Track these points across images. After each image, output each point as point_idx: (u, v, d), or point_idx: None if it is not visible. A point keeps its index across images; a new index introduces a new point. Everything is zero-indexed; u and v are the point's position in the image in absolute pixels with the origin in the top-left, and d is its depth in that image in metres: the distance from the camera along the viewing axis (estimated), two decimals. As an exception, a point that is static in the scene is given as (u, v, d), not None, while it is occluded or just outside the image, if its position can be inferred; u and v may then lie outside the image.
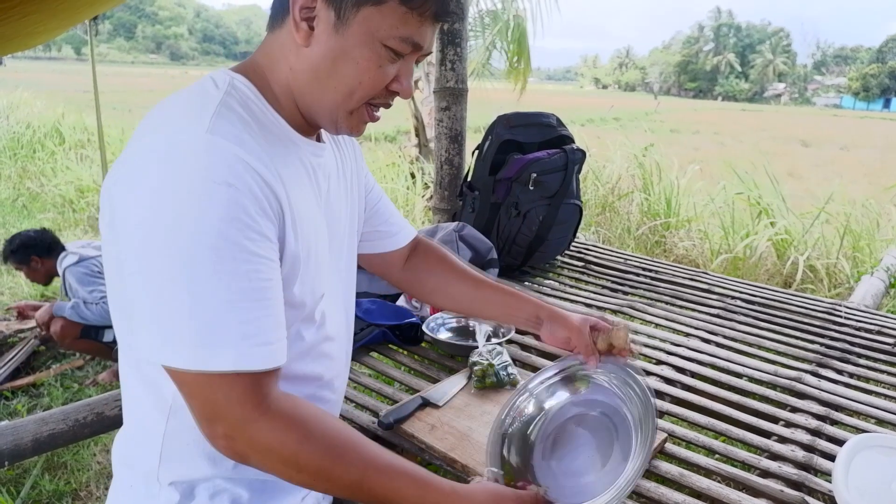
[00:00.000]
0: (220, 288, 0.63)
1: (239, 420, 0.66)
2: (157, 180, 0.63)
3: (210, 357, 0.63)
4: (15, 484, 2.11)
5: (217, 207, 0.63)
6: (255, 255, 0.66)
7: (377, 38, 0.71)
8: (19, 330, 3.22)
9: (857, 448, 1.09)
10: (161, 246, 0.63)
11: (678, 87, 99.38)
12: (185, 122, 0.67)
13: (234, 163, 0.65)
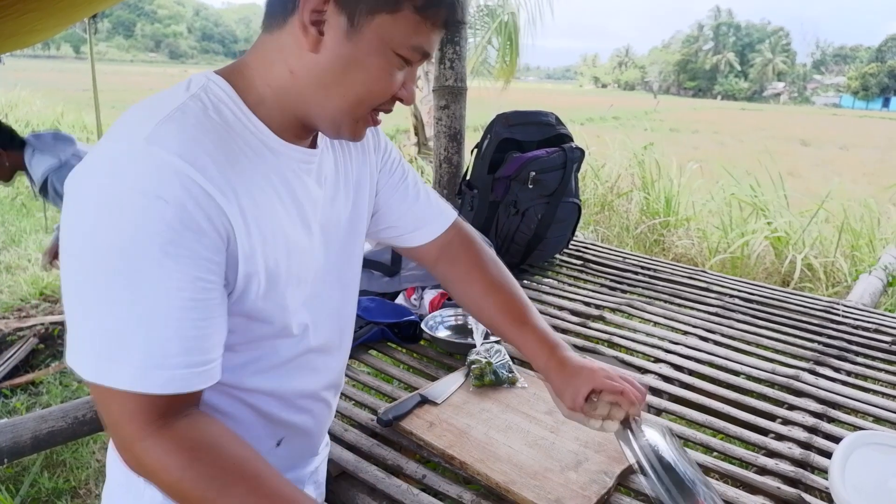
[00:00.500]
0: (129, 303, 0.61)
1: (128, 437, 0.64)
2: (84, 188, 0.62)
3: (108, 371, 0.62)
4: (14, 482, 2.11)
5: (139, 221, 0.60)
6: (180, 272, 0.62)
7: (390, 46, 0.69)
8: (18, 328, 3.23)
9: (854, 445, 1.09)
10: (78, 255, 0.61)
11: (678, 86, 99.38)
12: (129, 130, 0.64)
13: (168, 175, 0.61)
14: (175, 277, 0.62)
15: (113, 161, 0.62)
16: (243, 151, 0.69)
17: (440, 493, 1.07)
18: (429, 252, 1.02)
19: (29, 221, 5.37)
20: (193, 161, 0.63)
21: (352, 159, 0.89)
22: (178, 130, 0.64)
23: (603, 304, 2.02)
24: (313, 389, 0.86)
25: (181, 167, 0.62)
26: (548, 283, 2.21)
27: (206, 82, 0.70)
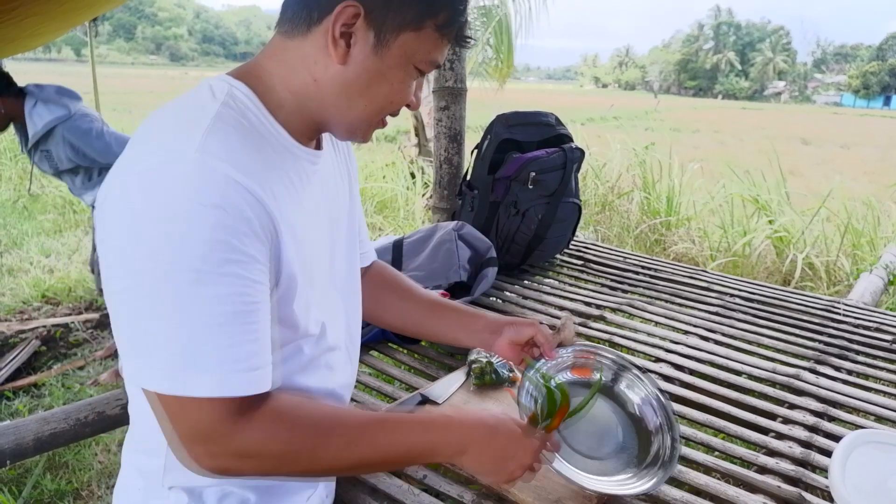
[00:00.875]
0: (201, 312, 0.62)
1: (224, 436, 0.66)
2: (141, 202, 0.62)
3: (188, 382, 0.63)
4: (17, 483, 2.11)
5: (202, 230, 0.61)
6: (241, 277, 0.64)
7: (412, 61, 0.74)
8: (20, 331, 3.24)
9: (854, 444, 1.10)
10: (142, 268, 0.62)
11: (678, 85, 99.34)
12: (175, 141, 0.65)
13: (224, 183, 0.63)
14: (240, 283, 0.64)
15: (168, 175, 0.62)
16: (273, 156, 0.72)
17: (441, 493, 1.07)
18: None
19: (31, 224, 5.38)
20: (243, 169, 0.65)
21: (343, 166, 0.94)
22: (224, 140, 0.66)
23: (604, 304, 2.02)
24: (331, 388, 0.88)
25: (235, 175, 0.64)
26: (548, 284, 2.21)
27: (229, 88, 0.71)
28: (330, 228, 0.86)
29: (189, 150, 0.63)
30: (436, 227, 2.09)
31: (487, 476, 0.85)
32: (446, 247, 1.97)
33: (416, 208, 5.64)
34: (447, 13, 0.73)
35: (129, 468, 0.84)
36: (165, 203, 0.61)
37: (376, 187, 6.01)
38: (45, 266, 4.30)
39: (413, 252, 2.01)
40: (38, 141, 2.49)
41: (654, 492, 1.07)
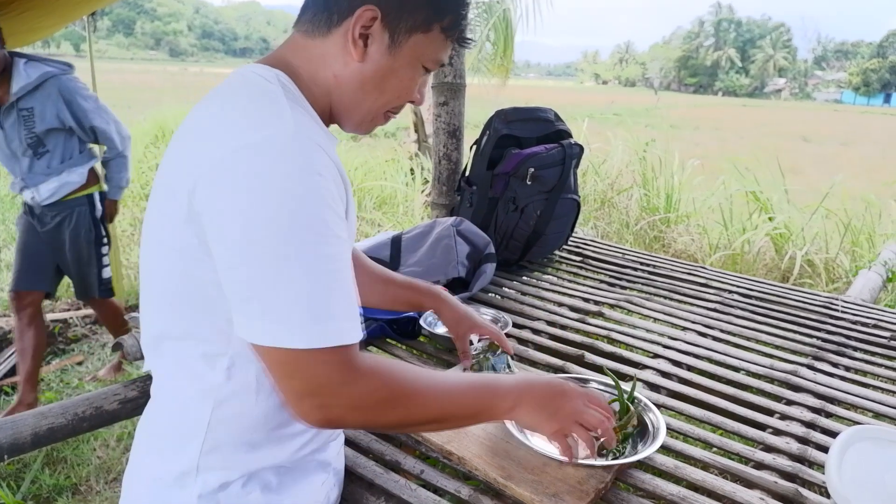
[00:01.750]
0: (321, 270, 0.68)
1: (339, 384, 0.70)
2: (257, 175, 0.67)
3: (319, 334, 0.68)
4: (15, 478, 2.12)
5: (315, 196, 0.68)
6: (340, 237, 0.71)
7: (420, 60, 0.82)
8: (19, 326, 3.23)
9: (851, 440, 1.10)
10: (268, 235, 0.66)
11: (678, 82, 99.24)
12: (266, 118, 0.71)
13: (319, 154, 0.70)
14: (341, 242, 0.71)
15: (277, 148, 0.68)
16: (325, 135, 0.79)
17: (439, 489, 1.07)
18: None
19: (29, 219, 5.36)
20: (322, 141, 0.73)
21: None
22: (301, 115, 0.74)
23: (602, 300, 2.02)
24: None
25: (322, 146, 0.72)
26: (547, 280, 2.21)
27: (277, 75, 0.78)
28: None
29: (288, 124, 0.70)
30: (434, 222, 2.09)
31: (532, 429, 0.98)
32: (445, 242, 1.97)
33: (415, 204, 5.64)
34: (452, 16, 0.82)
35: (151, 457, 0.84)
36: (281, 174, 0.67)
37: (376, 183, 6.00)
38: (43, 261, 4.29)
39: (412, 248, 2.01)
40: (21, 98, 2.44)
41: (649, 485, 1.07)
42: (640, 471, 1.11)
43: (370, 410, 0.74)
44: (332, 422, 0.74)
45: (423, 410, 0.79)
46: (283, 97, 0.74)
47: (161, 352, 0.81)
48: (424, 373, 0.81)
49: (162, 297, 0.78)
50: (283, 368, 0.70)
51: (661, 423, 1.13)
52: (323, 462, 0.93)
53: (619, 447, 1.10)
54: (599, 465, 1.04)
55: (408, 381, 0.77)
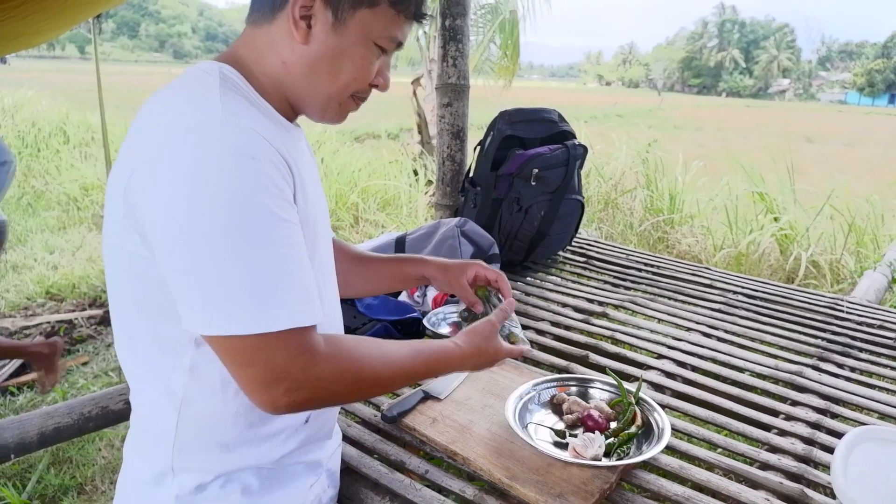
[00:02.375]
0: (265, 254, 0.67)
1: (302, 369, 0.70)
2: (186, 162, 0.66)
3: (268, 319, 0.67)
4: (21, 478, 2.13)
5: (248, 180, 0.66)
6: (286, 220, 0.70)
7: (370, 37, 0.78)
8: (24, 327, 3.25)
9: (857, 441, 1.09)
10: (203, 223, 0.65)
11: (682, 83, 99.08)
12: (195, 106, 0.70)
13: (252, 137, 0.68)
14: (287, 225, 0.70)
15: (203, 135, 0.67)
16: (273, 124, 0.77)
17: (443, 489, 1.07)
18: None
19: (35, 221, 5.40)
20: (260, 126, 0.71)
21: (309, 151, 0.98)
22: (236, 101, 0.72)
23: (606, 300, 2.02)
24: None
25: (257, 129, 0.70)
26: (551, 281, 2.21)
27: (219, 67, 0.76)
28: (318, 204, 0.89)
29: (214, 111, 0.68)
30: (438, 223, 2.09)
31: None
32: (449, 243, 1.97)
33: (418, 205, 5.64)
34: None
35: (134, 460, 0.85)
36: (210, 160, 0.66)
37: (379, 184, 6.01)
38: (49, 263, 4.32)
39: (416, 248, 2.01)
40: None
41: (654, 486, 1.07)
42: (645, 471, 1.11)
43: (337, 391, 0.75)
44: (300, 405, 0.73)
45: (382, 386, 0.83)
46: (216, 86, 0.72)
47: (129, 353, 0.80)
48: (379, 348, 0.81)
49: (121, 299, 0.77)
50: (238, 357, 0.69)
51: (665, 423, 1.13)
52: (311, 463, 0.91)
53: (624, 448, 1.10)
54: (604, 466, 1.04)
55: (366, 358, 0.78)
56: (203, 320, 0.67)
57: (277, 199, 0.69)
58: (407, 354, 0.84)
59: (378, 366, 0.79)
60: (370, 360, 0.78)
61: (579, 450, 1.06)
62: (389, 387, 0.86)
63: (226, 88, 0.73)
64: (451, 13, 2.63)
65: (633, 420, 1.15)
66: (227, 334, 0.67)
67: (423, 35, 7.04)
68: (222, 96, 0.70)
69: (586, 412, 1.16)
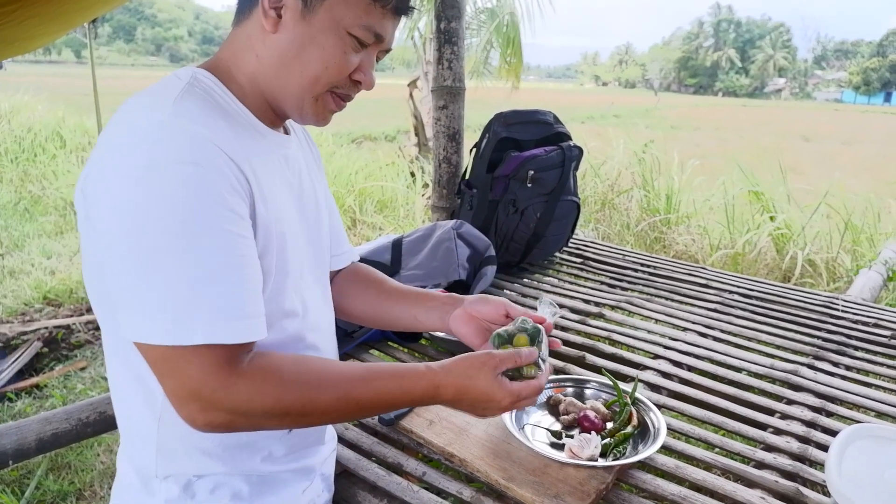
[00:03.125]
0: (193, 264, 0.65)
1: (215, 389, 0.66)
2: (124, 166, 0.65)
3: (183, 332, 0.64)
4: (20, 484, 2.12)
5: (185, 187, 0.64)
6: (226, 231, 0.67)
7: (342, 25, 0.75)
8: (22, 332, 3.25)
9: (851, 438, 1.10)
10: (134, 227, 0.64)
11: (678, 83, 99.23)
12: (148, 110, 0.69)
13: (198, 142, 0.66)
14: (225, 235, 0.67)
15: (147, 137, 0.66)
16: (243, 130, 0.76)
17: (441, 491, 1.08)
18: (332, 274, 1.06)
19: (32, 226, 5.39)
20: (215, 131, 0.69)
21: (311, 160, 0.96)
22: (195, 106, 0.70)
23: (603, 301, 2.02)
24: None
25: (208, 135, 0.68)
26: (548, 282, 2.22)
27: (193, 73, 0.76)
28: (300, 215, 0.87)
29: (162, 115, 0.67)
30: (435, 225, 2.10)
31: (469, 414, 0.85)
32: (445, 245, 1.98)
33: (415, 207, 5.64)
34: None
35: (123, 464, 0.85)
36: (147, 165, 0.64)
37: (376, 187, 6.01)
38: (46, 268, 4.31)
39: (412, 251, 2.01)
40: None
41: (651, 486, 1.07)
42: (642, 471, 1.11)
43: (258, 415, 0.69)
44: (219, 427, 0.69)
45: (323, 413, 0.74)
46: (176, 91, 0.71)
47: (112, 357, 0.80)
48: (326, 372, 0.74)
49: (98, 304, 0.77)
50: (156, 368, 0.67)
51: (661, 423, 1.14)
52: (304, 469, 0.91)
53: (620, 448, 1.11)
54: (601, 466, 1.05)
55: (302, 384, 0.71)
56: (127, 325, 0.66)
57: (218, 207, 0.66)
58: (357, 380, 0.75)
59: (312, 392, 0.71)
60: (301, 385, 0.71)
61: (576, 450, 1.06)
62: (329, 415, 0.75)
63: (188, 94, 0.71)
64: (445, 16, 2.64)
65: (630, 420, 1.16)
66: (145, 342, 0.66)
67: (419, 37, 7.05)
68: (178, 101, 0.69)
69: (582, 413, 1.17)
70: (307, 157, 0.95)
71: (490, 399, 0.80)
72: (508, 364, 0.82)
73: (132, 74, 43.12)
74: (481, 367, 0.80)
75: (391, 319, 1.04)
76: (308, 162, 0.94)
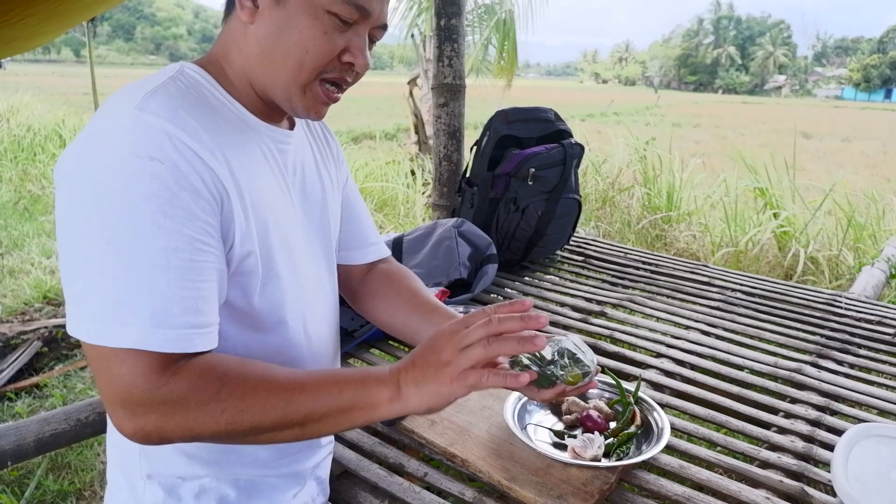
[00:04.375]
0: (130, 264, 0.62)
1: (144, 393, 0.62)
2: (84, 156, 0.64)
3: (113, 333, 0.61)
4: (19, 484, 2.12)
5: (137, 182, 0.62)
6: (178, 232, 0.64)
7: (318, 4, 0.70)
8: (22, 332, 3.24)
9: (856, 438, 1.09)
10: (77, 223, 0.63)
11: (678, 80, 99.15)
12: (119, 102, 0.67)
13: (160, 138, 0.64)
14: (174, 238, 0.63)
15: (105, 131, 0.64)
16: (227, 125, 0.73)
17: (443, 491, 1.07)
18: (362, 269, 1.03)
19: (31, 225, 5.38)
20: (183, 126, 0.66)
21: (326, 156, 0.93)
22: (166, 100, 0.67)
23: (604, 299, 2.01)
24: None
25: (172, 130, 0.65)
26: (549, 280, 2.21)
27: (181, 67, 0.74)
28: (304, 213, 0.84)
29: (128, 108, 0.65)
30: (436, 224, 2.09)
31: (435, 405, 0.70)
32: (446, 244, 1.97)
33: (416, 206, 5.63)
34: None
35: (113, 468, 0.84)
36: (101, 156, 0.63)
37: (377, 185, 6.00)
38: (46, 267, 4.30)
39: (413, 249, 2.00)
40: None
41: (654, 486, 1.07)
42: (645, 471, 1.11)
43: (189, 415, 0.64)
44: (151, 434, 0.64)
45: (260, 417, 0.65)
46: (152, 85, 0.68)
47: None
48: (268, 375, 0.68)
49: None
50: (92, 366, 0.64)
51: (665, 422, 1.13)
52: (296, 473, 0.89)
53: (624, 448, 1.10)
54: (604, 466, 1.04)
55: (240, 384, 0.65)
56: (68, 319, 0.64)
57: (170, 207, 0.63)
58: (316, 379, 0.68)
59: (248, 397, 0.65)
60: (239, 388, 0.65)
61: (578, 450, 1.05)
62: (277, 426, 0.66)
63: (163, 88, 0.69)
64: (445, 13, 2.63)
65: (633, 420, 1.15)
66: (75, 337, 0.63)
67: (419, 34, 7.04)
68: (149, 95, 0.67)
69: (585, 412, 1.16)
70: (322, 150, 0.92)
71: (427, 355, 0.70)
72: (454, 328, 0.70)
73: (131, 73, 43.11)
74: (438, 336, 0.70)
75: (413, 337, 0.97)
76: (322, 156, 0.91)
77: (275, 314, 0.78)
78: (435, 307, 0.95)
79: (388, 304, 0.99)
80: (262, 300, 0.76)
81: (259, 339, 0.78)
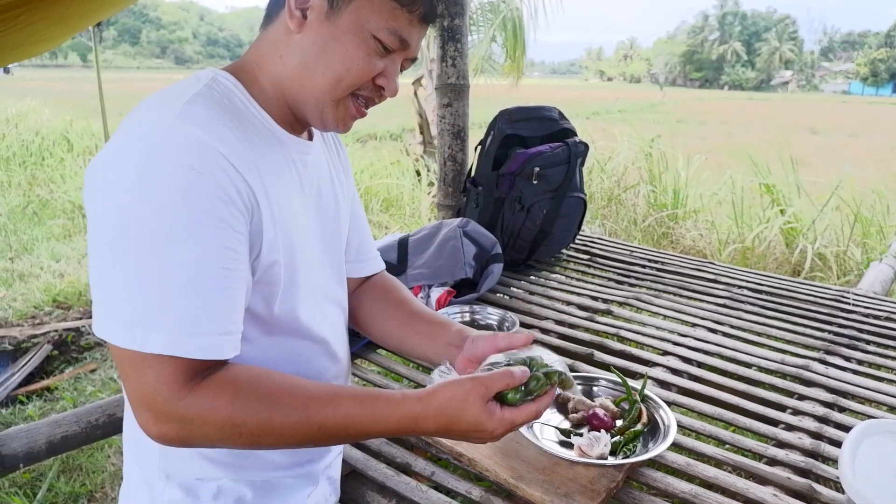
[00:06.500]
0: (167, 270, 0.63)
1: (167, 399, 0.64)
2: (122, 164, 0.65)
3: (142, 337, 0.63)
4: (31, 487, 2.14)
5: (174, 191, 0.63)
6: (211, 241, 0.65)
7: (367, 28, 0.74)
8: (32, 335, 3.26)
9: (864, 434, 1.09)
10: (114, 228, 0.64)
11: (684, 77, 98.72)
12: (156, 111, 0.68)
13: (198, 147, 0.65)
14: (210, 246, 0.65)
15: (148, 138, 0.65)
16: (257, 136, 0.75)
17: (450, 490, 1.08)
18: (356, 282, 1.04)
19: (41, 230, 5.42)
20: (221, 138, 0.68)
21: (338, 167, 0.95)
22: (204, 111, 0.69)
23: (610, 298, 2.01)
24: (328, 379, 0.88)
25: (211, 142, 0.67)
26: (555, 279, 2.21)
27: (214, 75, 0.76)
28: (322, 222, 0.86)
29: (168, 117, 0.66)
30: (441, 224, 2.09)
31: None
32: (451, 244, 1.97)
33: (421, 206, 5.64)
34: None
35: (129, 462, 0.85)
36: (141, 164, 0.64)
37: (382, 185, 6.01)
38: (55, 271, 4.33)
39: (418, 250, 2.01)
40: None
41: (661, 483, 1.07)
42: (652, 469, 1.11)
43: (211, 430, 0.66)
44: (174, 440, 0.67)
45: (282, 432, 0.68)
46: (189, 94, 0.70)
47: None
48: (289, 389, 0.70)
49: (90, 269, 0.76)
50: (119, 368, 0.66)
51: (672, 420, 1.13)
52: (310, 473, 0.90)
53: (630, 446, 1.10)
54: (610, 465, 1.04)
55: (260, 400, 0.67)
56: (96, 319, 0.66)
57: (206, 216, 0.65)
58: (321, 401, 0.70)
59: (267, 411, 0.67)
60: (257, 403, 0.67)
61: (585, 449, 1.05)
62: (289, 438, 0.69)
63: (201, 97, 0.70)
64: (449, 13, 2.63)
65: (639, 418, 1.15)
66: (106, 339, 0.65)
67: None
68: (187, 105, 0.68)
69: (591, 411, 1.16)
70: (334, 162, 0.94)
71: (481, 430, 0.73)
72: (499, 387, 0.73)
73: (138, 77, 43.33)
74: (466, 397, 0.71)
75: (407, 348, 0.99)
76: (334, 168, 0.93)
77: (292, 321, 0.80)
78: (421, 315, 0.98)
79: (378, 315, 1.01)
80: (282, 307, 0.78)
81: (275, 343, 0.79)
